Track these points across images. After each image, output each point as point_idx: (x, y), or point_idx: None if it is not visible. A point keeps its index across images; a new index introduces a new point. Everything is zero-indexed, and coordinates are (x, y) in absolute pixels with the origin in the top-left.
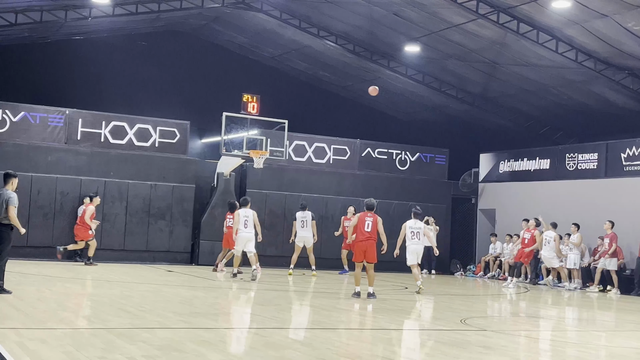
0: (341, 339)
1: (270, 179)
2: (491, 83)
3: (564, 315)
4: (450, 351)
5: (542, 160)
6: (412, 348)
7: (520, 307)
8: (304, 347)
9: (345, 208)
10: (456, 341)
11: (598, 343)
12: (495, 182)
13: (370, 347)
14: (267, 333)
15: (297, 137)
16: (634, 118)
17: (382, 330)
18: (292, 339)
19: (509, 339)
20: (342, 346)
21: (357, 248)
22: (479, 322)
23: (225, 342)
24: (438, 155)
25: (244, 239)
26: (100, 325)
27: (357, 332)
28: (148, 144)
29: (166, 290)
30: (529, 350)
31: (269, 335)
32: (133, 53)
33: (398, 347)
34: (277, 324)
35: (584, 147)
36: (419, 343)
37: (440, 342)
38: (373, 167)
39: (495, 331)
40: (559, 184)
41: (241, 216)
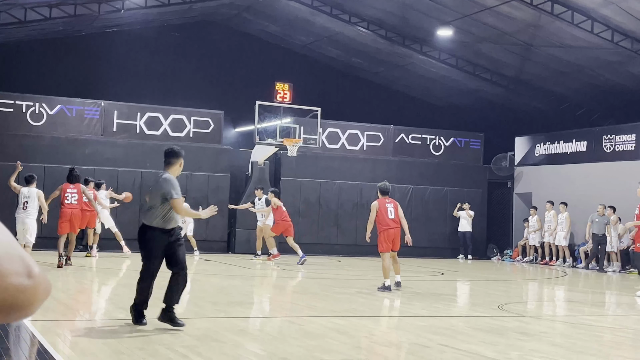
0: (378, 327)
1: (304, 167)
2: (526, 66)
3: (604, 299)
4: (488, 338)
5: (579, 143)
6: (449, 335)
7: (558, 291)
8: (341, 335)
9: None
10: (494, 327)
11: (637, 327)
12: (531, 165)
13: (407, 334)
14: (304, 321)
15: (330, 124)
16: None
17: (418, 317)
18: (329, 327)
19: (547, 324)
20: (379, 334)
21: (384, 237)
22: (517, 307)
23: (262, 331)
24: (473, 140)
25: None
26: None
27: (394, 319)
28: (183, 134)
29: (203, 279)
30: (567, 336)
31: (306, 324)
32: (166, 44)
33: (435, 334)
34: (314, 312)
35: (621, 129)
36: (456, 330)
37: (478, 329)
38: (407, 152)
39: (533, 317)
40: (596, 166)
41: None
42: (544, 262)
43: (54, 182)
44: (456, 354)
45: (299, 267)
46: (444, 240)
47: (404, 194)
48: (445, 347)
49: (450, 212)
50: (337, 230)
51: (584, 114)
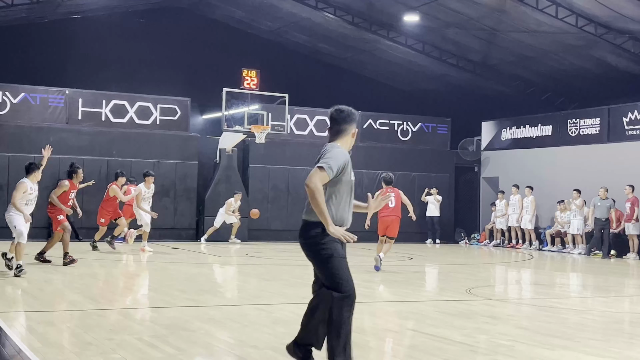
0: None
1: (272, 154)
2: (491, 50)
3: (569, 282)
4: (456, 322)
5: (544, 127)
6: (418, 320)
7: (525, 274)
8: None
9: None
10: (462, 311)
11: (603, 309)
12: (497, 149)
13: (376, 320)
14: (274, 309)
15: (298, 110)
16: (635, 82)
17: (387, 302)
18: (299, 314)
19: (514, 307)
20: None
21: (381, 223)
22: (484, 291)
23: (232, 319)
24: (440, 125)
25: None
26: (107, 305)
27: (363, 305)
28: (149, 121)
29: (172, 267)
30: (533, 318)
31: (276, 311)
32: (131, 31)
33: (404, 319)
34: (284, 300)
35: (586, 113)
36: (425, 314)
37: (446, 313)
38: (375, 138)
39: (500, 300)
40: (561, 150)
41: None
42: (510, 245)
43: (19, 170)
44: (425, 339)
45: (269, 255)
46: (412, 225)
47: (372, 179)
48: (415, 332)
49: (419, 197)
50: None
51: (549, 98)
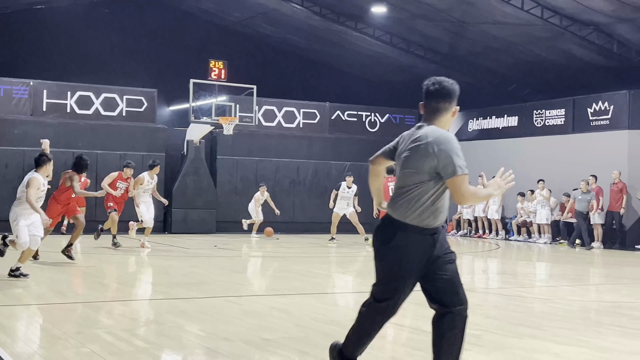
0: (319, 304)
1: (240, 145)
2: (459, 42)
3: (536, 271)
4: (426, 312)
5: (510, 118)
6: None
7: (492, 264)
8: (282, 313)
9: (316, 172)
10: None
11: (570, 298)
12: (464, 140)
13: (348, 311)
14: (245, 301)
15: (266, 102)
16: (599, 73)
17: (359, 293)
18: (271, 306)
19: (481, 297)
20: (321, 311)
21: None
22: None
23: (203, 312)
24: (408, 116)
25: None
26: (76, 299)
27: (335, 296)
28: (115, 113)
29: (141, 260)
30: (501, 308)
31: (247, 303)
32: (96, 21)
33: None
34: (255, 292)
35: (551, 104)
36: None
37: (416, 304)
38: (343, 129)
39: (468, 290)
40: (527, 140)
41: None
42: (477, 235)
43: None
44: (397, 329)
45: (237, 246)
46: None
47: (340, 171)
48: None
49: None
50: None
51: (515, 90)
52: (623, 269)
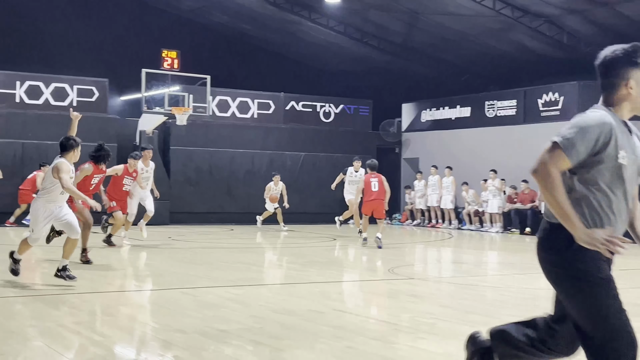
0: (274, 295)
1: (194, 136)
2: (412, 33)
3: (488, 259)
4: (380, 301)
5: (463, 108)
6: (343, 300)
7: (445, 253)
8: (238, 304)
9: (272, 162)
10: (386, 291)
11: (521, 286)
12: (417, 131)
13: (303, 301)
14: (199, 292)
15: (220, 92)
16: (550, 64)
17: (313, 283)
18: (226, 297)
19: (435, 286)
20: (276, 302)
21: (366, 206)
22: (407, 270)
23: (157, 304)
24: (362, 107)
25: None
26: (27, 292)
27: (290, 286)
28: (66, 103)
29: (93, 253)
30: (454, 296)
31: (201, 295)
32: (45, 8)
33: (330, 300)
34: (209, 283)
35: (503, 94)
36: (350, 294)
37: (371, 293)
38: (298, 120)
39: (422, 279)
40: (479, 131)
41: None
42: (431, 225)
43: None
44: (351, 318)
45: (192, 238)
46: (336, 206)
47: (295, 161)
48: (341, 312)
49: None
50: (230, 198)
51: (468, 80)
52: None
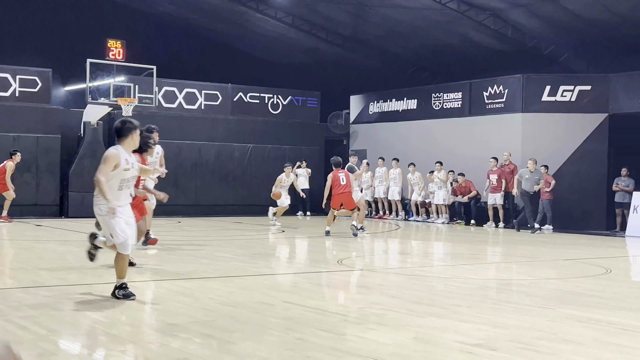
0: (223, 288)
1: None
2: (360, 25)
3: (434, 250)
4: (330, 292)
5: (410, 101)
6: (293, 292)
7: (393, 244)
8: (187, 298)
9: (219, 154)
10: (335, 282)
11: (467, 276)
12: (365, 123)
13: (252, 293)
14: (147, 285)
15: (167, 83)
16: (495, 57)
17: (262, 275)
18: (174, 290)
19: (383, 277)
20: (225, 294)
21: (335, 199)
22: (355, 261)
23: (103, 298)
24: (310, 98)
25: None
26: None
27: (239, 279)
28: (8, 93)
29: (38, 246)
30: (403, 287)
31: (151, 289)
32: None
33: (279, 292)
34: (157, 276)
35: (449, 87)
36: (300, 286)
37: (320, 284)
38: (246, 111)
39: (371, 270)
40: (426, 123)
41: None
42: (378, 216)
43: None
44: (301, 310)
45: None
46: None
47: (243, 152)
48: (290, 304)
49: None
50: (177, 190)
51: (415, 73)
52: (516, 248)
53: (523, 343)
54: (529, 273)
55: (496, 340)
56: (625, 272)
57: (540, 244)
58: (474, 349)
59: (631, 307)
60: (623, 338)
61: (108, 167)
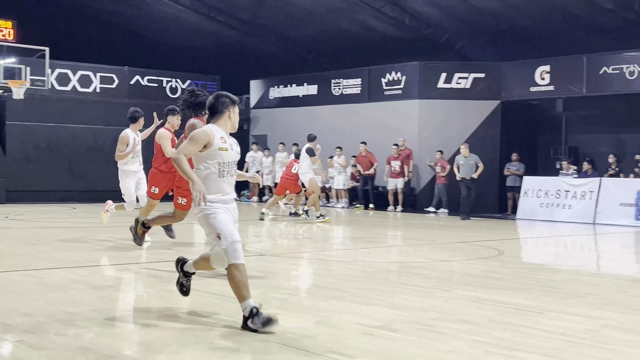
0: (122, 275)
1: (32, 110)
2: (260, 9)
3: (334, 234)
4: None
5: (310, 86)
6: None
7: (291, 229)
8: (85, 286)
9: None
10: None
11: (367, 260)
12: (266, 108)
13: (152, 280)
14: (43, 274)
15: (60, 64)
16: (393, 44)
17: (160, 262)
18: (72, 279)
19: (284, 261)
20: (124, 283)
21: (282, 184)
22: (256, 247)
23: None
24: (210, 83)
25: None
26: None
27: (137, 266)
28: None
29: None
30: (304, 272)
31: (46, 277)
32: None
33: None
34: (53, 264)
35: (348, 73)
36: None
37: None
38: (143, 95)
39: (273, 255)
40: (326, 108)
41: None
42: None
43: None
44: (201, 297)
45: (31, 217)
46: None
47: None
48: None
49: None
50: (71, 176)
51: (314, 59)
52: (414, 231)
53: (421, 324)
54: (427, 256)
55: (396, 321)
56: (517, 253)
57: (436, 227)
58: (375, 330)
59: (523, 287)
60: (517, 317)
61: (195, 146)
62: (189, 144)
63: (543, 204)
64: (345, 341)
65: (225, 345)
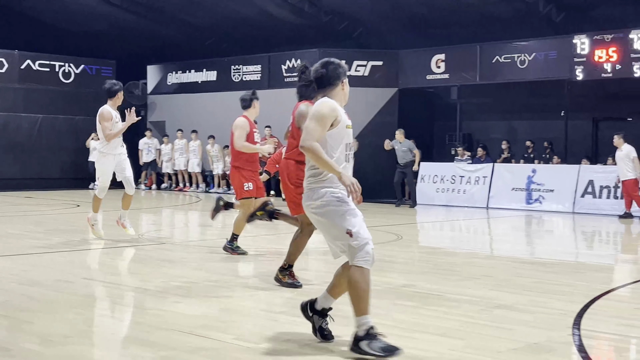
0: (18, 266)
1: None
2: None
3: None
4: (132, 267)
5: (209, 72)
6: (93, 269)
7: (194, 217)
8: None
9: (6, 125)
10: (138, 257)
11: (268, 246)
12: (164, 94)
13: (49, 271)
14: None
15: None
16: (293, 31)
17: (59, 252)
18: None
19: (186, 250)
20: (21, 273)
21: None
22: (157, 235)
23: None
24: (104, 67)
25: None
26: None
27: (32, 257)
28: None
29: None
30: (206, 259)
31: None
32: None
33: (78, 269)
34: None
35: (248, 59)
36: (100, 262)
37: (122, 260)
38: (35, 80)
39: (173, 244)
40: (225, 95)
41: None
42: (178, 188)
43: None
44: (98, 287)
45: None
46: (77, 171)
47: (32, 123)
48: (90, 281)
49: (82, 142)
50: None
51: (213, 44)
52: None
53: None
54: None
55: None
56: (414, 237)
57: None
58: (278, 316)
59: (420, 271)
60: (417, 301)
61: (323, 126)
62: (316, 124)
63: (439, 189)
64: (251, 327)
65: (125, 334)
